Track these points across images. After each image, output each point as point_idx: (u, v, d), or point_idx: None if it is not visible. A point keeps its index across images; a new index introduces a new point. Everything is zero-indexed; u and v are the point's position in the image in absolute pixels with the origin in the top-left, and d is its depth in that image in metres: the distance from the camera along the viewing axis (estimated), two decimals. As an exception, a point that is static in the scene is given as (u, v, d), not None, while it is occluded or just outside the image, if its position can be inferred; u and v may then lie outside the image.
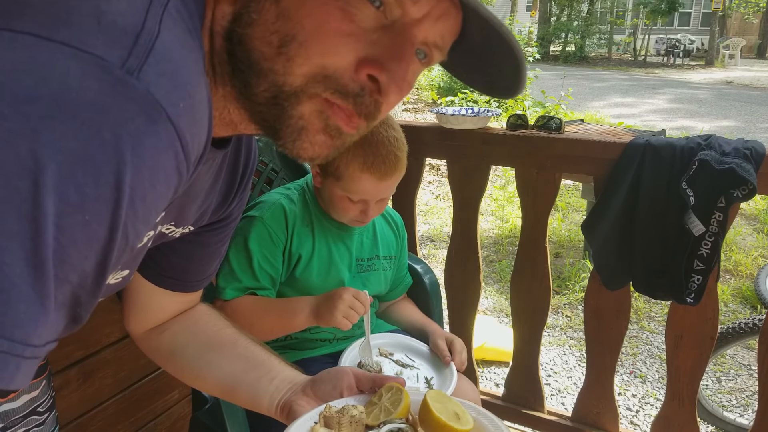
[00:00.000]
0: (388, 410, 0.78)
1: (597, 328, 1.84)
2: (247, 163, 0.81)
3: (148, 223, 0.47)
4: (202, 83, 0.50)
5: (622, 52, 28.02)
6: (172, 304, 0.90)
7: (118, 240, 0.44)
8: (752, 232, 4.79)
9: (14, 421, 0.81)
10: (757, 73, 18.99)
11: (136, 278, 0.86)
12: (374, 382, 0.83)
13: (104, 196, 0.41)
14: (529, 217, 1.85)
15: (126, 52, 0.42)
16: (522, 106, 8.18)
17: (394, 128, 1.30)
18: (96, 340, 1.51)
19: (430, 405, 0.76)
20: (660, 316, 3.39)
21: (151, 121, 0.43)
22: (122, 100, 0.41)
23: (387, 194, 1.34)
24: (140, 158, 0.42)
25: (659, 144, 1.55)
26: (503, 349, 2.77)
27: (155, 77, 0.43)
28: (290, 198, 1.40)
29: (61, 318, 0.44)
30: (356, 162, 1.25)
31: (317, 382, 0.83)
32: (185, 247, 0.82)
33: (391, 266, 1.54)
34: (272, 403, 0.83)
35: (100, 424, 1.56)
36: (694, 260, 1.56)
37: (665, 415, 1.80)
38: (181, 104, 0.45)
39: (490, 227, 4.90)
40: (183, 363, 0.90)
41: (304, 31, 0.52)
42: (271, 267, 1.34)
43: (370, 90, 0.55)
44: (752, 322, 2.26)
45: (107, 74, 0.41)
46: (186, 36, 0.50)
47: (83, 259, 0.42)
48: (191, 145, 0.47)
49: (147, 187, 0.44)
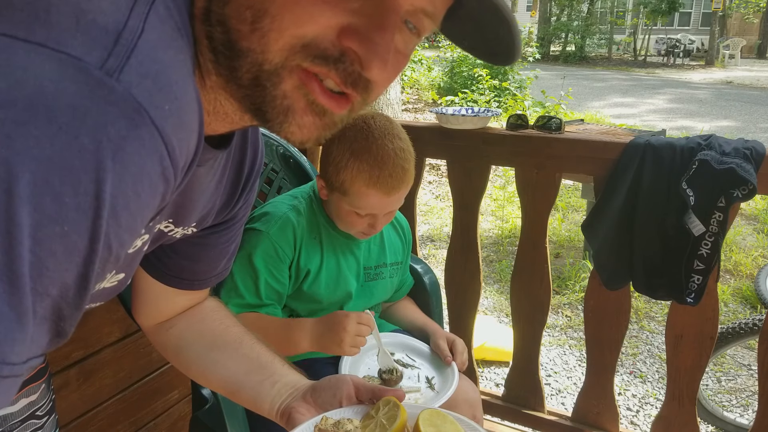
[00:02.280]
0: (384, 426, 0.77)
1: (597, 328, 1.84)
2: (254, 164, 0.79)
3: (133, 232, 0.45)
4: (191, 85, 0.48)
5: (622, 52, 28.01)
6: (181, 300, 0.91)
7: (100, 251, 0.41)
8: (752, 232, 4.79)
9: (12, 425, 0.80)
10: (757, 73, 18.99)
11: (144, 276, 0.86)
12: (374, 393, 0.83)
13: (84, 206, 0.39)
14: (529, 217, 1.85)
15: (106, 53, 0.40)
16: (522, 106, 8.18)
17: (401, 138, 1.26)
18: (96, 340, 1.52)
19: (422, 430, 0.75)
20: (660, 316, 3.39)
21: (133, 125, 0.41)
22: (101, 103, 0.39)
23: (395, 207, 1.31)
24: (122, 165, 0.40)
25: (659, 144, 1.55)
26: (503, 349, 2.77)
27: (137, 79, 0.41)
28: (297, 209, 1.35)
29: (43, 333, 0.42)
30: (362, 177, 1.21)
31: (317, 390, 0.83)
32: (191, 248, 0.81)
33: (397, 272, 1.52)
34: (273, 408, 0.83)
35: (100, 424, 1.56)
36: (694, 260, 1.56)
37: (665, 415, 1.80)
38: (166, 107, 0.43)
39: (490, 227, 4.90)
40: (189, 360, 0.91)
41: (275, 4, 0.49)
42: (277, 283, 1.31)
43: (351, 59, 0.51)
44: (752, 322, 2.26)
45: (85, 76, 0.39)
46: (174, 34, 0.47)
47: (63, 272, 0.40)
48: (178, 151, 0.45)
49: (130, 195, 0.42)
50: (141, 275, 0.87)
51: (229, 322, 0.93)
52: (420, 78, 10.39)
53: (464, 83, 9.04)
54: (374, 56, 0.51)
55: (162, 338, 0.93)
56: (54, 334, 0.43)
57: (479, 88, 8.58)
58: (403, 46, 0.55)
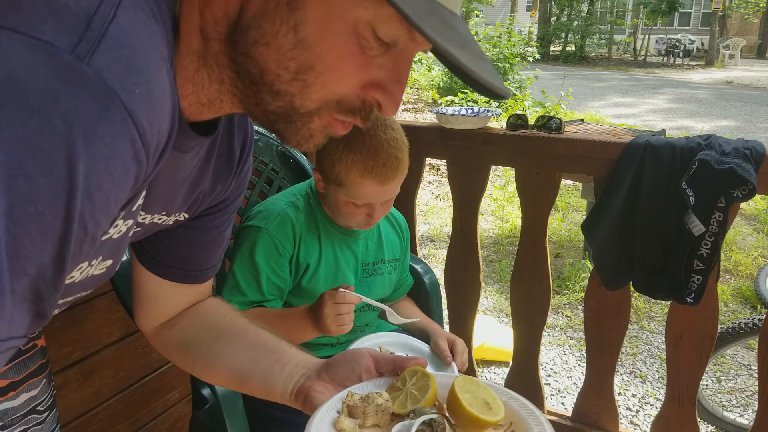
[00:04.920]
0: (416, 397, 0.73)
1: (597, 328, 1.84)
2: (244, 146, 0.79)
3: (108, 213, 0.46)
4: (163, 69, 0.49)
5: (622, 52, 28.01)
6: (181, 296, 0.89)
7: (75, 231, 0.43)
8: (752, 232, 4.79)
9: (13, 419, 0.81)
10: (757, 73, 18.99)
11: (143, 273, 0.85)
12: (395, 365, 0.80)
13: (57, 187, 0.40)
14: (529, 217, 1.85)
15: (76, 38, 0.41)
16: (522, 106, 8.18)
17: (393, 128, 1.29)
18: (96, 340, 1.52)
19: (459, 396, 0.71)
20: (660, 316, 3.39)
21: (103, 107, 0.42)
22: (72, 87, 0.40)
23: (391, 195, 1.33)
24: (94, 146, 0.41)
25: (659, 144, 1.55)
26: (503, 349, 2.77)
27: (108, 63, 0.42)
28: (296, 206, 1.38)
29: (24, 313, 0.43)
30: (357, 168, 1.24)
31: (333, 366, 0.80)
32: (184, 232, 0.81)
33: (395, 269, 1.53)
34: (286, 390, 0.80)
35: (100, 424, 1.56)
36: (694, 260, 1.56)
37: (665, 415, 1.80)
38: (137, 90, 0.44)
39: (490, 227, 4.90)
40: (194, 355, 0.89)
41: (323, 63, 0.54)
42: (278, 278, 1.33)
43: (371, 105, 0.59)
44: (752, 322, 2.26)
45: (56, 60, 0.40)
46: (149, 20, 0.49)
47: (39, 251, 0.41)
48: (150, 133, 0.46)
49: (103, 176, 0.43)
50: (138, 272, 0.86)
51: (233, 314, 0.92)
52: (420, 78, 10.39)
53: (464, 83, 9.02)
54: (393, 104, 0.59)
55: (165, 338, 0.90)
56: (35, 315, 0.44)
57: (479, 88, 8.56)
58: None
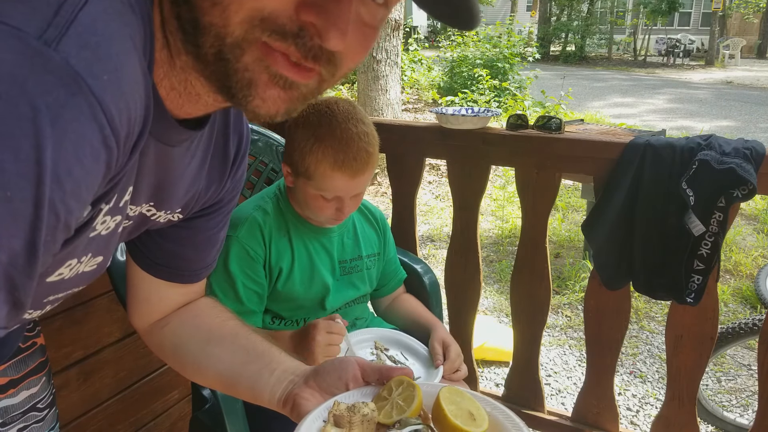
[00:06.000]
0: (401, 407, 0.73)
1: (597, 328, 1.84)
2: (239, 147, 0.79)
3: (80, 199, 0.46)
4: (135, 58, 0.49)
5: (622, 52, 28.00)
6: (173, 295, 0.89)
7: (45, 217, 0.42)
8: (752, 232, 4.79)
9: (13, 417, 0.81)
10: (757, 73, 18.99)
11: (136, 271, 0.85)
12: (381, 374, 0.79)
13: (25, 172, 0.40)
14: (529, 217, 1.85)
15: (45, 23, 0.42)
16: (522, 106, 8.19)
17: (364, 122, 1.28)
18: (96, 340, 1.52)
19: (444, 407, 0.72)
20: (660, 316, 3.39)
21: (70, 93, 0.42)
22: (40, 73, 0.40)
23: (361, 189, 1.32)
24: (62, 131, 0.41)
25: (659, 144, 1.55)
26: (503, 349, 2.77)
27: (75, 49, 0.42)
28: (263, 209, 1.37)
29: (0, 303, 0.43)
30: (326, 161, 1.24)
31: (321, 374, 0.80)
32: (178, 232, 0.81)
33: (375, 264, 1.52)
34: (273, 396, 0.80)
35: (100, 424, 1.56)
36: (694, 260, 1.56)
37: (665, 415, 1.80)
38: (105, 77, 0.44)
39: (490, 227, 4.90)
40: (185, 357, 0.88)
41: None
42: (255, 284, 1.32)
43: (311, 33, 0.51)
44: (752, 322, 2.26)
45: (24, 46, 0.40)
46: (123, 9, 0.48)
47: (10, 237, 0.41)
48: (118, 120, 0.46)
49: (72, 161, 0.43)
50: (132, 270, 0.86)
51: (225, 316, 0.91)
52: (420, 78, 10.40)
53: (464, 83, 9.04)
54: (331, 26, 0.50)
55: (157, 338, 0.90)
56: (11, 305, 0.44)
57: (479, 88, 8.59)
58: (369, 18, 0.55)
